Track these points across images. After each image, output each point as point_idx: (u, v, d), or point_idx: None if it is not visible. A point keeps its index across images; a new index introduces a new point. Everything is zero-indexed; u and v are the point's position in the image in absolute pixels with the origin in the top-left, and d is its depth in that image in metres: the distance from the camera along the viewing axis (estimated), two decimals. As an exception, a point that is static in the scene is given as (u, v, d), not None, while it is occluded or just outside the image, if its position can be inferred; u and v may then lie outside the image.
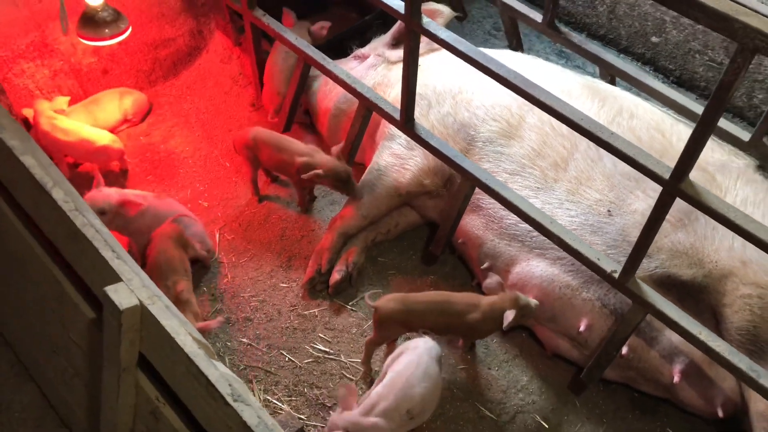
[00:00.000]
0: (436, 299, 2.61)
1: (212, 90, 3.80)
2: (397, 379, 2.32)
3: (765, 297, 2.40)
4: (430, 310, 2.56)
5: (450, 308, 2.57)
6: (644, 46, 4.01)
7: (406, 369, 2.34)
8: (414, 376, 2.32)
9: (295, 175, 3.01)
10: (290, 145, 3.05)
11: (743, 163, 2.74)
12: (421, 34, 2.46)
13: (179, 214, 2.94)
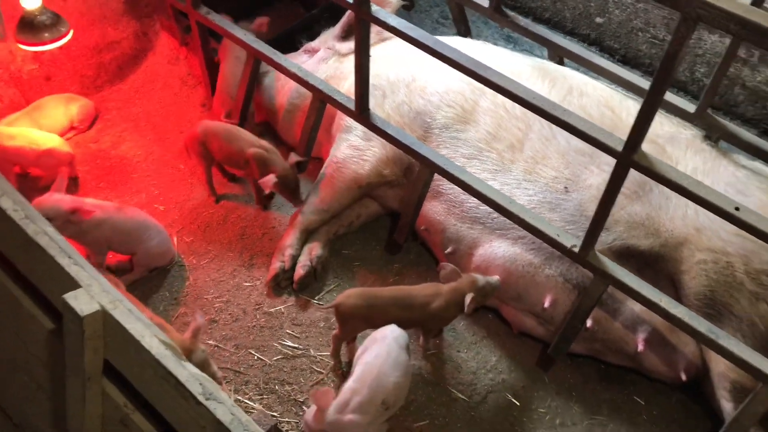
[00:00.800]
0: (397, 294, 2.60)
1: (161, 92, 3.73)
2: (368, 372, 2.31)
3: (719, 261, 2.47)
4: (392, 304, 2.55)
5: (412, 301, 2.57)
6: (589, 27, 4.09)
7: (376, 360, 2.34)
8: (385, 366, 2.32)
9: (246, 167, 2.97)
10: (241, 136, 3.02)
11: (691, 134, 2.82)
12: (371, 23, 2.45)
13: (142, 223, 2.87)
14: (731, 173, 2.67)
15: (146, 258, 2.90)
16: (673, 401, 2.73)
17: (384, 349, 2.35)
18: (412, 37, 2.34)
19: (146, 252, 2.88)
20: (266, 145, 3.02)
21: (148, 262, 2.91)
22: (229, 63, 3.40)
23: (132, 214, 2.88)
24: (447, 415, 2.62)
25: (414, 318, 2.58)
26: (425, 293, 2.58)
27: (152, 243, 2.85)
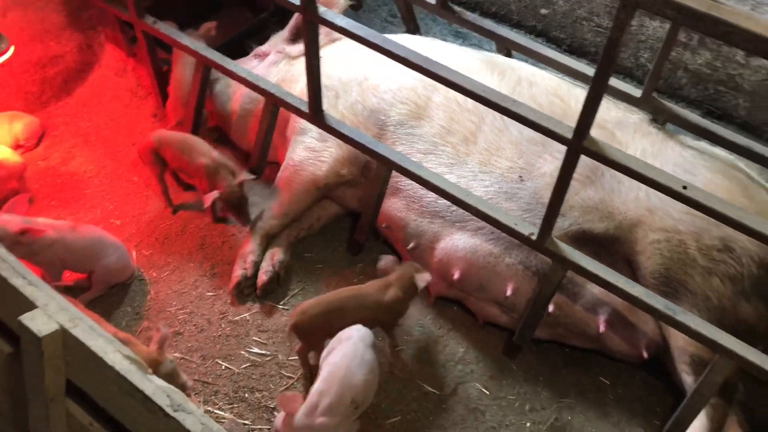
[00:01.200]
0: (350, 295, 2.61)
1: (110, 105, 3.66)
2: (335, 372, 2.31)
3: (672, 240, 2.55)
4: (347, 306, 2.55)
5: (366, 299, 2.58)
6: (535, 18, 4.16)
7: (342, 360, 2.34)
8: (352, 365, 2.32)
9: (197, 177, 2.94)
10: (195, 147, 2.99)
11: (638, 118, 2.90)
12: (319, 24, 2.45)
13: (98, 240, 2.82)
14: (678, 154, 2.75)
15: (105, 275, 2.84)
16: (637, 379, 2.80)
17: (350, 349, 2.36)
18: (360, 36, 2.35)
19: (105, 269, 2.83)
20: (218, 158, 2.98)
21: (107, 279, 2.86)
22: (181, 70, 3.36)
23: (86, 231, 2.82)
24: (418, 409, 2.64)
25: (371, 315, 2.58)
26: (376, 288, 2.60)
27: (110, 259, 2.80)
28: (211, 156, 2.95)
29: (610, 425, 2.66)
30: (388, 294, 2.57)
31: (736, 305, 2.51)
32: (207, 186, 2.94)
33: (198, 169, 2.93)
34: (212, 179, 2.93)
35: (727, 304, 2.51)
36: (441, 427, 2.60)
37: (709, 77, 3.70)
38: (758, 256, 2.50)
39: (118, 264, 2.83)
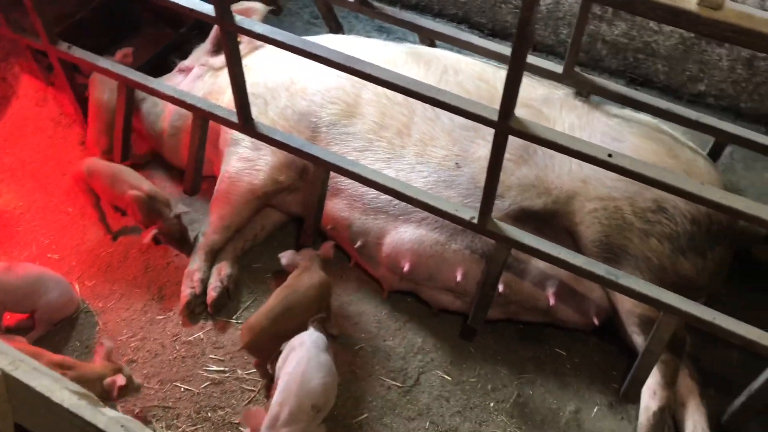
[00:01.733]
0: (285, 293, 2.62)
1: (34, 137, 3.54)
2: (292, 381, 2.30)
3: (608, 207, 2.62)
4: (291, 304, 2.57)
5: (301, 288, 2.61)
6: (455, 5, 4.21)
7: (298, 367, 2.33)
8: (308, 371, 2.32)
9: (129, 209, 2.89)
10: (124, 178, 2.92)
11: (563, 93, 2.97)
12: (237, 33, 2.43)
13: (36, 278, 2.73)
14: (605, 123, 2.83)
15: (48, 312, 2.76)
16: (591, 346, 2.88)
17: (304, 355, 2.35)
18: (280, 41, 2.34)
19: (47, 306, 2.74)
20: (150, 189, 2.91)
21: (51, 316, 2.78)
22: (98, 96, 3.27)
23: (23, 271, 2.72)
24: (383, 404, 2.66)
25: (315, 301, 2.62)
26: (299, 276, 2.65)
27: (51, 296, 2.72)
28: (141, 188, 2.88)
29: (571, 394, 2.73)
30: (314, 273, 2.64)
31: (674, 262, 2.60)
32: (141, 219, 2.89)
33: (128, 203, 2.87)
34: (146, 212, 2.88)
35: (666, 262, 2.60)
36: (408, 419, 2.62)
37: (626, 46, 3.83)
38: (690, 213, 2.60)
39: (61, 299, 2.75)
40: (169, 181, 3.39)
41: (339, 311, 2.93)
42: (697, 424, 2.53)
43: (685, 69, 3.76)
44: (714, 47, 3.60)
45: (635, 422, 2.61)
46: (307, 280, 2.62)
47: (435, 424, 2.62)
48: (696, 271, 2.63)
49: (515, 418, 2.65)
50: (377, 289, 3.00)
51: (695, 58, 3.68)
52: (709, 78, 3.73)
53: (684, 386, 2.63)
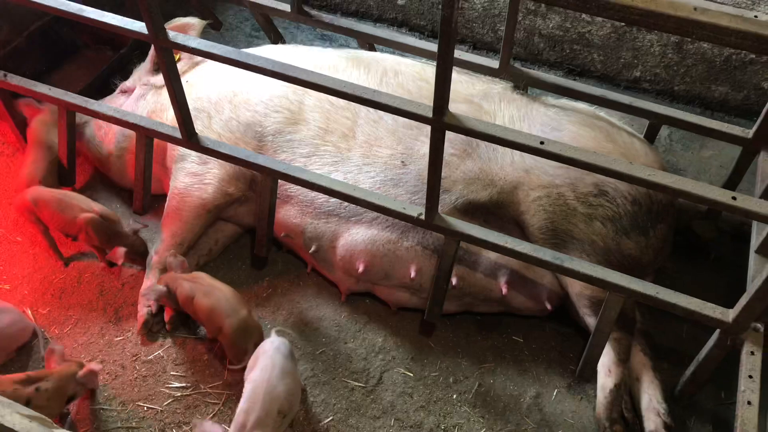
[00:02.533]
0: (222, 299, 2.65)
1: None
2: (258, 387, 2.32)
3: (551, 194, 2.69)
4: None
5: (227, 297, 2.66)
6: (394, 10, 4.28)
7: (263, 374, 2.35)
8: (272, 377, 2.34)
9: (81, 234, 2.87)
10: (73, 203, 2.90)
11: (501, 87, 3.05)
12: (172, 49, 2.44)
13: None
14: (543, 113, 2.91)
15: (2, 341, 2.72)
16: (548, 331, 2.95)
17: (268, 362, 2.37)
18: (215, 54, 2.36)
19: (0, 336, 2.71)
20: (101, 210, 2.90)
21: (5, 344, 2.74)
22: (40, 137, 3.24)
23: None
24: (348, 406, 2.68)
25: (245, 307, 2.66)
26: (208, 285, 2.69)
27: (2, 325, 2.68)
28: (93, 210, 2.88)
29: (530, 379, 2.80)
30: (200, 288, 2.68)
31: (619, 243, 2.69)
32: (96, 241, 2.87)
33: (81, 227, 2.85)
34: (102, 234, 2.87)
35: (611, 243, 2.68)
36: (373, 418, 2.65)
37: (562, 38, 3.94)
38: (630, 194, 2.69)
39: (13, 327, 2.71)
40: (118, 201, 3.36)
41: (298, 318, 2.95)
42: (652, 397, 2.61)
43: (619, 57, 3.88)
44: (645, 34, 3.73)
45: (594, 401, 2.69)
46: (220, 286, 2.70)
47: (400, 420, 2.65)
48: (640, 250, 2.71)
49: (478, 407, 2.70)
50: (335, 293, 3.03)
51: (628, 45, 3.81)
52: (643, 64, 3.86)
53: (637, 362, 2.71)
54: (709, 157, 3.64)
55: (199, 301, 2.61)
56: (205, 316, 2.62)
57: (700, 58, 3.69)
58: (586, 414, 2.69)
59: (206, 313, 2.60)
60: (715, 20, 1.53)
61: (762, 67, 3.59)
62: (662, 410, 2.57)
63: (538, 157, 2.44)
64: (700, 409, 2.69)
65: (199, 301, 2.61)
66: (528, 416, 2.68)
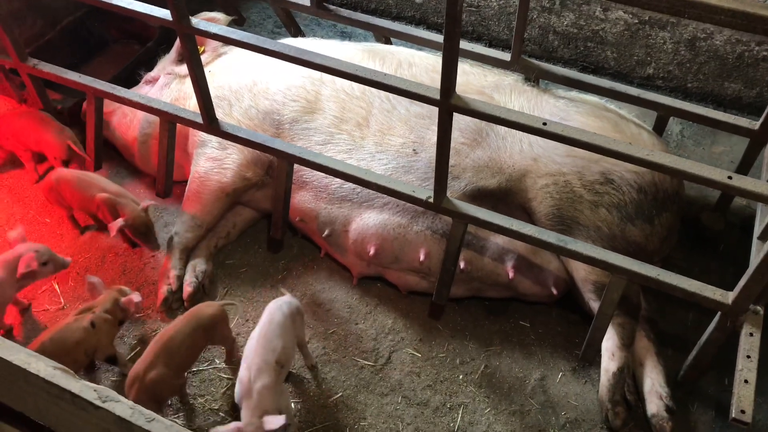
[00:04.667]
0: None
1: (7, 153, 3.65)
2: (255, 343, 2.43)
3: (558, 182, 2.77)
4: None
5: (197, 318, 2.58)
6: (412, 8, 4.39)
7: (260, 329, 2.48)
8: (269, 332, 2.45)
9: (99, 212, 3.00)
10: (93, 182, 3.04)
11: (512, 80, 3.13)
12: (195, 35, 2.57)
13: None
14: (552, 105, 2.98)
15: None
16: (554, 316, 3.01)
17: (266, 318, 2.50)
18: (236, 39, 2.47)
19: None
20: (117, 189, 3.04)
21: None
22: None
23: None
24: (357, 383, 2.77)
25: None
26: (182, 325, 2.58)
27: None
28: (109, 189, 3.01)
29: (536, 362, 2.86)
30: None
31: (624, 230, 2.75)
32: (109, 219, 2.98)
33: (98, 204, 2.98)
34: (113, 211, 2.98)
35: (616, 230, 2.74)
36: (381, 395, 2.73)
37: (576, 36, 4.01)
38: (636, 182, 2.75)
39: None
40: (141, 187, 3.50)
41: (311, 299, 3.05)
42: (654, 381, 2.66)
43: (632, 54, 3.94)
44: (657, 31, 3.78)
45: (598, 385, 2.74)
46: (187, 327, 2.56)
47: (407, 398, 2.73)
48: (645, 237, 2.77)
49: (483, 388, 2.77)
50: (347, 277, 3.12)
51: (641, 42, 3.86)
52: (656, 61, 3.91)
53: (641, 347, 2.76)
54: (720, 153, 3.68)
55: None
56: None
57: (713, 56, 3.73)
58: (590, 397, 2.74)
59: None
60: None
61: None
62: (664, 394, 2.62)
63: (547, 143, 2.53)
64: (703, 394, 2.73)
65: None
66: (532, 398, 2.74)
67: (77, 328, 2.52)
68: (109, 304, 2.62)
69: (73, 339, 2.50)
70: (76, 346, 2.51)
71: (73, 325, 2.53)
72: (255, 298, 3.05)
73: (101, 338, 2.58)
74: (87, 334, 2.53)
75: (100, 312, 2.59)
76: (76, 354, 2.51)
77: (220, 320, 2.64)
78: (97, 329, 2.56)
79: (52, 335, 2.49)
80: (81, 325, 2.53)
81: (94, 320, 2.55)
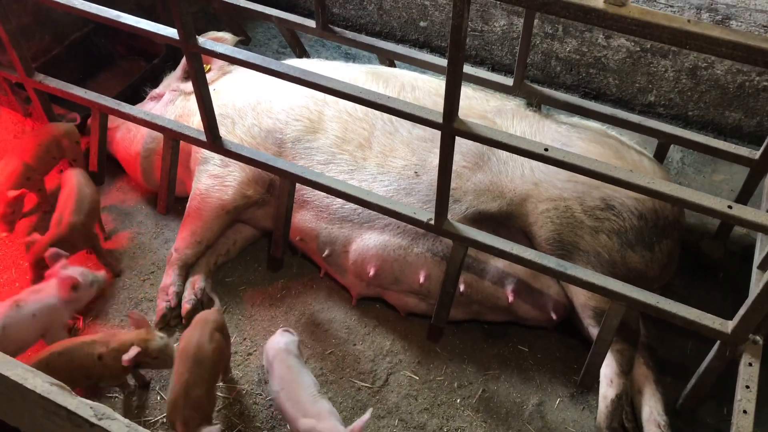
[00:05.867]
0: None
1: (13, 167, 3.66)
2: (291, 394, 2.43)
3: (559, 207, 2.78)
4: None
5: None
6: (416, 32, 4.43)
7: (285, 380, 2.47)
8: (296, 378, 2.48)
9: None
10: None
11: (514, 104, 3.16)
12: (201, 55, 2.60)
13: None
14: (554, 130, 3.00)
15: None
16: (553, 342, 3.00)
17: (279, 367, 2.51)
18: (241, 59, 2.50)
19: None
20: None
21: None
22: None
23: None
24: (354, 405, 2.75)
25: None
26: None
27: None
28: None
29: (534, 388, 2.84)
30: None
31: (624, 256, 2.75)
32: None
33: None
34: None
35: (616, 256, 2.75)
36: (377, 417, 2.72)
37: (579, 62, 4.04)
38: (636, 209, 2.76)
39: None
40: (143, 203, 3.51)
41: (310, 319, 3.04)
42: (653, 409, 2.65)
43: (634, 81, 3.97)
44: (659, 59, 3.82)
45: (596, 411, 2.72)
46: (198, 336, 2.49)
47: (404, 421, 2.71)
48: (645, 264, 2.77)
49: (481, 412, 2.75)
50: (346, 297, 3.12)
51: (643, 70, 3.90)
52: (657, 89, 3.94)
53: (640, 374, 2.75)
54: (721, 181, 3.69)
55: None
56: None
57: (714, 84, 3.77)
58: (588, 424, 2.73)
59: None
60: (706, 31, 1.62)
61: (775, 95, 3.66)
62: (663, 422, 2.60)
63: (549, 168, 2.55)
64: (702, 423, 2.71)
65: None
66: (530, 423, 2.72)
67: (85, 354, 2.48)
68: (127, 345, 2.48)
69: (78, 363, 2.47)
70: (79, 370, 2.48)
71: (83, 348, 2.49)
72: (254, 317, 3.04)
73: (105, 373, 2.53)
74: (92, 363, 2.49)
75: (116, 346, 2.48)
76: (77, 377, 2.48)
77: (225, 323, 2.65)
78: (103, 364, 2.49)
79: (62, 350, 2.47)
80: (90, 351, 2.48)
81: (103, 354, 2.48)
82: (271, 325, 3.00)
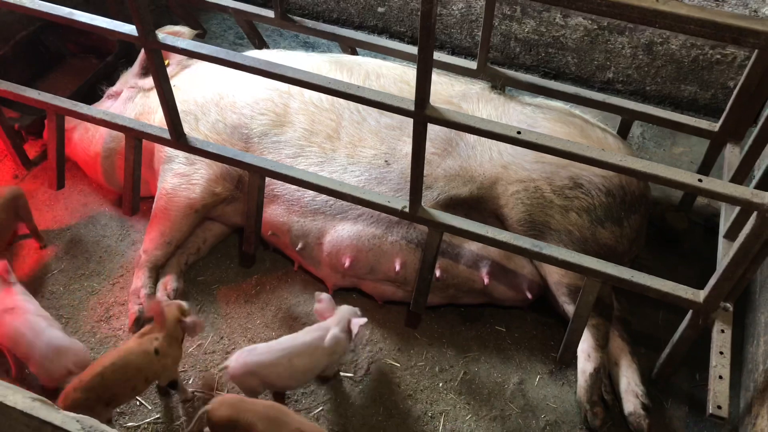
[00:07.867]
0: (270, 413, 2.29)
1: (-35, 175, 3.53)
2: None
3: (529, 188, 2.80)
4: (263, 418, 2.26)
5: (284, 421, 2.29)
6: (374, 17, 4.40)
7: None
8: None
9: None
10: None
11: (479, 88, 3.17)
12: (161, 50, 2.52)
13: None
14: (520, 112, 3.03)
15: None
16: (529, 321, 3.05)
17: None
18: (203, 53, 2.44)
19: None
20: None
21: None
22: None
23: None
24: (338, 395, 2.75)
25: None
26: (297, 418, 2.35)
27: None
28: None
29: (514, 367, 2.89)
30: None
31: (594, 233, 2.80)
32: None
33: None
34: None
35: (587, 233, 2.79)
36: (362, 407, 2.72)
37: (537, 42, 4.07)
38: (604, 186, 2.81)
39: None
40: (106, 205, 3.42)
41: (287, 313, 3.02)
42: (630, 380, 2.72)
43: (592, 59, 4.03)
44: (616, 36, 3.88)
45: (575, 386, 2.78)
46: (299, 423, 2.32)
47: (388, 409, 2.72)
48: (615, 239, 2.83)
49: (463, 394, 2.78)
50: (322, 289, 3.10)
51: (600, 48, 3.95)
52: (615, 65, 4.00)
53: (615, 347, 2.81)
54: (680, 154, 3.79)
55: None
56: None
57: (669, 59, 3.84)
58: (568, 398, 2.78)
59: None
60: (674, 10, 1.65)
61: (727, 67, 3.76)
62: (640, 392, 2.67)
63: (516, 150, 2.56)
64: (676, 390, 2.80)
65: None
66: (512, 402, 2.76)
67: (140, 352, 2.41)
68: (172, 327, 2.48)
69: (135, 365, 2.39)
70: (137, 373, 2.40)
71: (135, 350, 2.42)
72: (229, 314, 3.00)
73: (167, 364, 2.48)
74: (150, 360, 2.43)
75: (164, 336, 2.47)
76: (137, 381, 2.42)
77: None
78: (162, 355, 2.45)
79: (114, 360, 2.38)
80: (144, 349, 2.42)
81: (158, 347, 2.44)
82: (247, 322, 2.97)
